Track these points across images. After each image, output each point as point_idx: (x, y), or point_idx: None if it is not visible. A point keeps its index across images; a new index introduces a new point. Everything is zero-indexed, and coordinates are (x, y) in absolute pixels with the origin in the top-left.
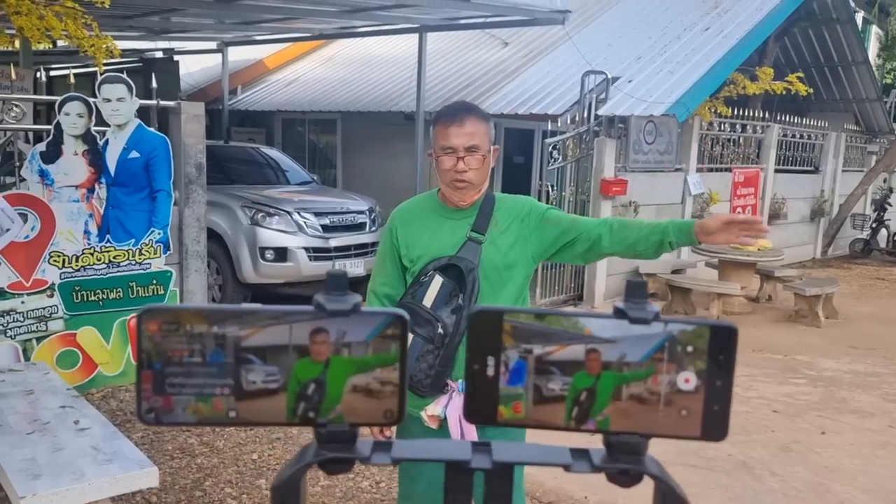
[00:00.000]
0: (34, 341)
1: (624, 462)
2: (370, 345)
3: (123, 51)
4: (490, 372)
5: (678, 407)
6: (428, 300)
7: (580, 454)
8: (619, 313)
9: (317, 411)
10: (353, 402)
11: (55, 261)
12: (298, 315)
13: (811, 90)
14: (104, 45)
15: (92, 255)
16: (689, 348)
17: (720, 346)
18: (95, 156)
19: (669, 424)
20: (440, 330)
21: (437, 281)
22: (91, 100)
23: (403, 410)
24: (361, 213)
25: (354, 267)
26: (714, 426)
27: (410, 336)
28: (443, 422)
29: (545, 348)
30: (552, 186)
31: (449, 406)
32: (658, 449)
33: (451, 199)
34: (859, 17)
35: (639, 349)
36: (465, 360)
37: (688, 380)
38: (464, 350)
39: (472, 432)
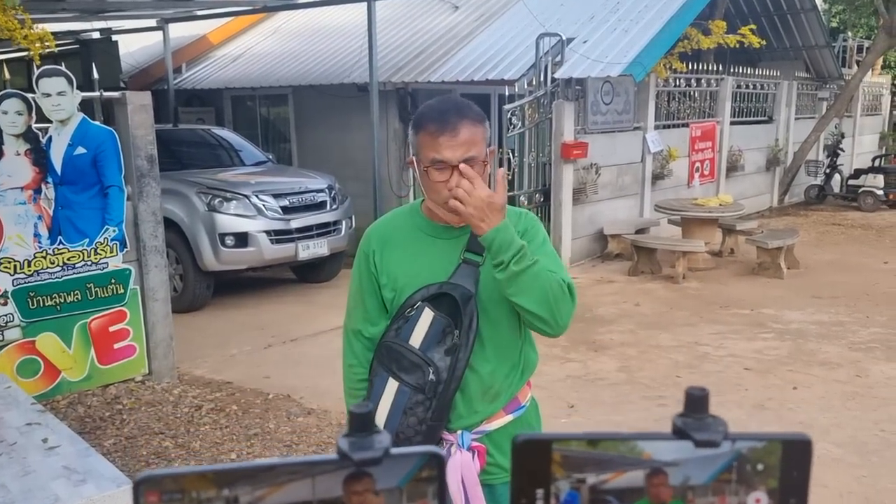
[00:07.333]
0: None
1: None
2: (403, 492)
3: (57, 34)
4: None
5: None
6: (416, 339)
7: None
8: (681, 434)
9: None
10: None
11: (6, 267)
12: (321, 466)
13: (763, 42)
14: (38, 36)
15: (45, 258)
16: (760, 466)
17: (793, 462)
18: (39, 154)
19: None
20: (432, 376)
21: (427, 315)
22: (29, 95)
23: None
24: (321, 191)
25: (318, 247)
26: None
27: (395, 384)
28: None
29: (599, 476)
30: (512, 153)
31: (448, 466)
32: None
33: (443, 218)
34: None
35: (704, 471)
36: (510, 493)
37: (759, 500)
38: (462, 398)
39: (478, 496)
